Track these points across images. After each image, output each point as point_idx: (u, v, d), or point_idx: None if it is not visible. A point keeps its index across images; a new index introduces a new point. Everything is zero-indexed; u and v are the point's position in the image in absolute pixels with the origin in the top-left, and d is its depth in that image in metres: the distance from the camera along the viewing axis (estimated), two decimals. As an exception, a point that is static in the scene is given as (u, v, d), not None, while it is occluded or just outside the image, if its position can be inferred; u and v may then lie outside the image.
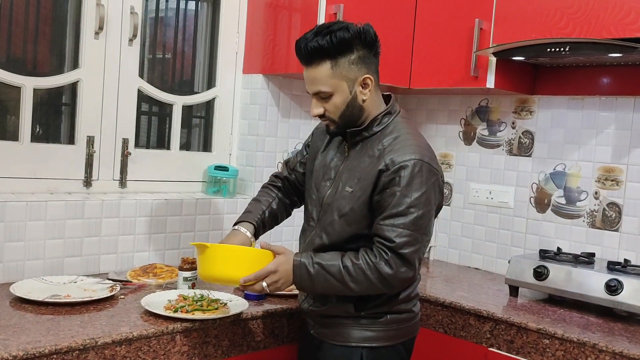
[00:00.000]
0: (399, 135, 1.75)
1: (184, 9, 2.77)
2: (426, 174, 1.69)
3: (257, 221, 1.95)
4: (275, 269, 1.69)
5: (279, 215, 2.06)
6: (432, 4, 2.73)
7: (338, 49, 1.69)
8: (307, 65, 1.74)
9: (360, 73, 1.73)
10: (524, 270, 2.36)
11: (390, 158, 1.70)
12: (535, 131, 2.77)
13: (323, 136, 1.95)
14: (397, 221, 1.66)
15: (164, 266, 2.33)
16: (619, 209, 2.51)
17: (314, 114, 1.79)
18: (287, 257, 1.71)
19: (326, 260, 1.70)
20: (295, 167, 2.07)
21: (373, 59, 1.77)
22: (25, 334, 1.61)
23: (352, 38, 1.70)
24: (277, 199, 2.05)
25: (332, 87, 1.72)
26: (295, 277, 1.70)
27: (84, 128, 2.37)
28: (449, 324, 2.27)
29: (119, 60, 2.43)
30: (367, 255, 1.68)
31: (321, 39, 1.68)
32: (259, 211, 1.99)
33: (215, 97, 2.78)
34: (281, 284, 1.70)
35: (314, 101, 1.78)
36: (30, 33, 2.33)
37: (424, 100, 3.17)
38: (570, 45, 2.22)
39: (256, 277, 1.67)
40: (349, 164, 1.80)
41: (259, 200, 2.04)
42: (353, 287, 1.69)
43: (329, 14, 2.44)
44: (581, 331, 2.00)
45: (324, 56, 1.70)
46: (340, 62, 1.71)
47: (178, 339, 1.79)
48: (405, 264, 1.67)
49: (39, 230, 2.13)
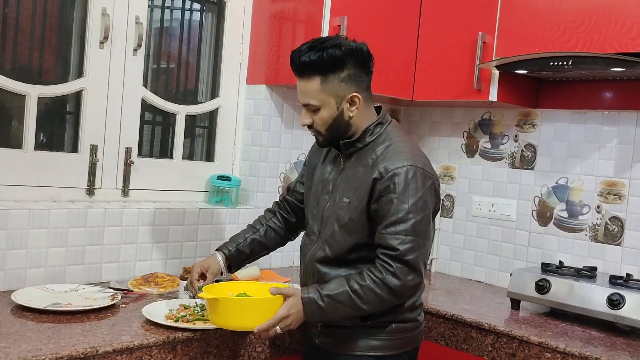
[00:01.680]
0: (391, 143, 1.78)
1: (188, 19, 2.79)
2: (420, 179, 1.71)
3: (230, 251, 2.01)
4: (287, 313, 1.69)
5: (267, 242, 2.07)
6: (436, 17, 2.75)
7: (329, 65, 1.72)
8: (298, 76, 1.79)
9: (349, 91, 1.76)
10: (525, 283, 2.36)
11: (384, 166, 1.71)
12: (537, 144, 2.77)
13: (319, 152, 1.98)
14: (398, 228, 1.67)
15: (165, 275, 2.33)
16: (622, 223, 2.51)
17: (302, 123, 1.83)
18: (297, 299, 1.71)
19: (333, 290, 1.70)
20: (295, 187, 2.11)
21: (364, 77, 1.79)
22: (26, 342, 1.60)
23: (344, 56, 1.72)
24: (266, 226, 2.08)
25: (320, 101, 1.76)
26: (306, 315, 1.71)
27: (88, 137, 2.38)
28: (450, 337, 2.27)
29: (123, 69, 2.44)
30: (372, 274, 1.69)
31: (313, 54, 1.72)
32: (236, 242, 2.03)
33: (219, 107, 2.79)
34: (294, 324, 1.72)
35: (304, 111, 1.82)
36: (35, 42, 2.34)
37: (427, 112, 3.18)
38: (573, 60, 2.22)
39: (269, 326, 1.68)
40: (345, 175, 1.82)
41: (243, 230, 2.09)
42: (366, 309, 1.70)
43: (333, 25, 2.45)
44: (583, 345, 1.99)
45: (314, 71, 1.74)
46: (329, 79, 1.74)
47: (179, 349, 1.78)
48: (411, 271, 1.68)
49: (41, 238, 2.13)
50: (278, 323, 1.69)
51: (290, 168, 2.83)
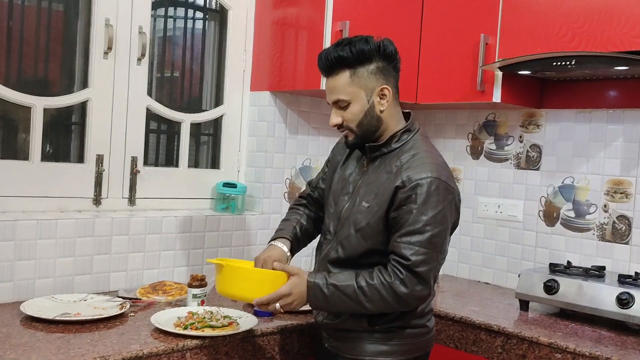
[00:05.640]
0: (417, 152, 1.77)
1: (191, 28, 2.80)
2: (443, 193, 1.70)
3: (291, 236, 1.97)
4: (289, 291, 1.69)
5: (310, 230, 2.06)
6: (438, 20, 2.75)
7: (357, 59, 1.74)
8: (327, 75, 1.79)
9: (378, 83, 1.76)
10: (534, 284, 2.35)
11: (407, 175, 1.71)
12: (543, 145, 2.76)
13: (343, 150, 1.97)
14: (413, 239, 1.67)
15: (173, 283, 2.33)
16: (629, 222, 2.50)
17: (332, 124, 1.81)
18: (301, 279, 1.71)
19: (341, 281, 1.70)
20: (317, 184, 2.09)
21: (392, 72, 1.80)
22: (35, 352, 1.61)
23: (371, 49, 1.74)
24: (305, 215, 2.06)
25: (350, 95, 1.76)
26: (309, 298, 1.71)
27: (94, 147, 2.39)
28: (460, 339, 2.26)
29: (127, 79, 2.45)
30: (382, 275, 1.68)
31: (341, 49, 1.74)
32: (291, 227, 2.00)
33: (223, 115, 2.80)
34: (295, 305, 1.71)
35: (333, 110, 1.81)
36: (40, 53, 2.36)
37: (431, 115, 3.18)
38: (576, 59, 2.22)
39: (269, 300, 1.68)
40: (367, 179, 1.82)
41: (288, 220, 2.06)
42: (368, 307, 1.70)
43: (335, 31, 2.46)
44: (593, 345, 1.98)
45: (343, 66, 1.75)
46: (359, 72, 1.75)
47: (188, 356, 1.78)
48: (420, 282, 1.67)
49: (49, 249, 2.14)
50: (279, 299, 1.68)
51: (296, 173, 2.84)
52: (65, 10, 2.41)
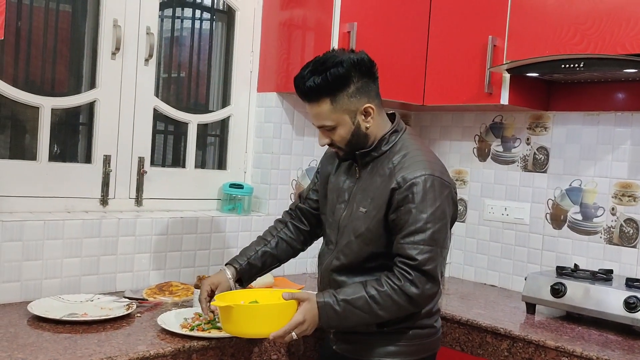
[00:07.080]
0: (408, 152, 1.77)
1: (198, 28, 2.81)
2: (438, 188, 1.71)
3: (242, 265, 1.95)
4: (303, 318, 1.67)
5: (278, 254, 2.02)
6: (446, 21, 2.75)
7: (335, 85, 1.71)
8: (307, 102, 1.78)
9: (361, 104, 1.75)
10: (540, 287, 2.34)
11: (402, 176, 1.71)
12: (550, 147, 2.76)
13: (332, 159, 1.97)
14: (416, 238, 1.67)
15: (179, 284, 2.33)
16: (637, 225, 2.49)
17: (321, 144, 1.83)
18: (312, 303, 1.69)
19: (350, 295, 1.69)
20: (308, 195, 2.08)
21: (372, 85, 1.78)
22: (43, 352, 1.61)
23: (348, 72, 1.70)
24: (277, 238, 2.03)
25: (334, 121, 1.75)
26: (322, 319, 1.70)
27: (101, 147, 2.39)
28: (466, 342, 2.25)
29: (135, 80, 2.46)
30: (391, 280, 1.68)
31: (317, 78, 1.70)
32: (251, 252, 1.99)
33: (230, 116, 2.80)
34: (310, 329, 1.70)
35: (320, 132, 1.81)
36: (48, 54, 2.36)
37: (438, 116, 3.17)
38: (585, 62, 2.21)
39: (285, 332, 1.66)
40: (362, 185, 1.82)
41: (258, 239, 2.04)
42: (382, 315, 1.69)
43: (343, 32, 2.46)
44: (600, 349, 1.97)
45: (322, 94, 1.72)
46: (338, 97, 1.72)
47: (195, 358, 1.78)
48: (429, 280, 1.68)
49: (56, 249, 2.15)
50: (294, 329, 1.67)
51: (302, 175, 2.84)
52: (73, 11, 2.41)
